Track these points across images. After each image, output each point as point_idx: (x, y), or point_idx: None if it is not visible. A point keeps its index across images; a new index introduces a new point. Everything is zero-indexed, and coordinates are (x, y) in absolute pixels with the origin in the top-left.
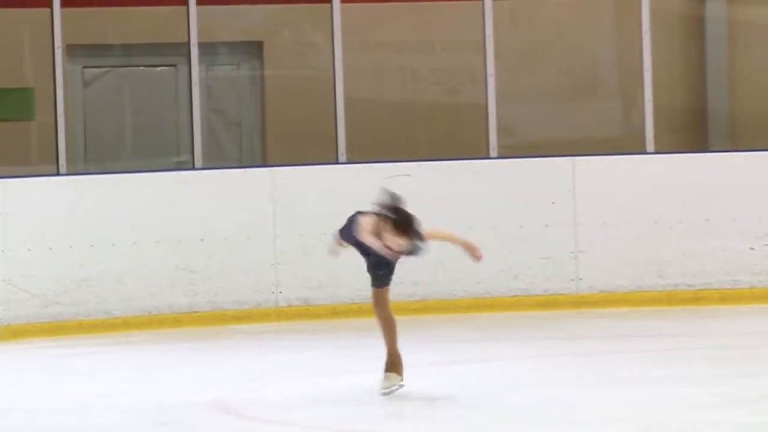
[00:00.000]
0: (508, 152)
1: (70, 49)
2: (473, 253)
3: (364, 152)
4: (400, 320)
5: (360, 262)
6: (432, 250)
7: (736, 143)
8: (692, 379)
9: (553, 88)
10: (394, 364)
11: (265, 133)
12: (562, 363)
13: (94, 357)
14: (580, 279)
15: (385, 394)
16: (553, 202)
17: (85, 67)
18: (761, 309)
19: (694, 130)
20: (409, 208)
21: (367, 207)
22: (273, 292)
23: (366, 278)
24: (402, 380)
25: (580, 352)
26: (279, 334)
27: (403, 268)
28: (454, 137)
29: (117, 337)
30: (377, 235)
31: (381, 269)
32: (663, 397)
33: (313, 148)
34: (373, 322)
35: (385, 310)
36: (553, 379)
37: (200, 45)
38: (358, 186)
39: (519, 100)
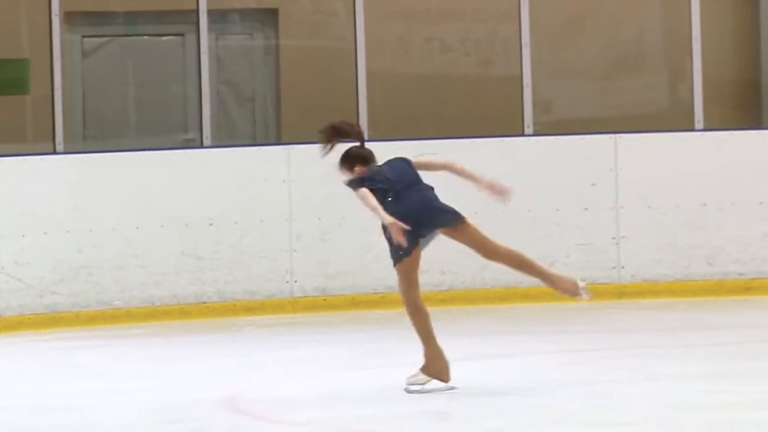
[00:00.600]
0: (544, 129)
1: (69, 17)
2: (498, 191)
3: (387, 129)
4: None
5: (383, 247)
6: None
7: None
8: (739, 377)
9: (593, 60)
10: (426, 361)
11: (280, 108)
12: (598, 358)
13: (95, 351)
14: (622, 267)
15: (407, 390)
16: (593, 184)
17: (84, 36)
18: None
19: (747, 104)
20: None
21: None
22: (288, 281)
23: (389, 265)
24: (428, 380)
25: (619, 347)
26: (294, 326)
27: (431, 254)
28: (485, 113)
29: (118, 330)
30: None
31: (390, 242)
32: (706, 394)
33: None
34: (396, 313)
35: (406, 294)
36: (585, 376)
37: (210, 12)
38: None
39: (556, 74)
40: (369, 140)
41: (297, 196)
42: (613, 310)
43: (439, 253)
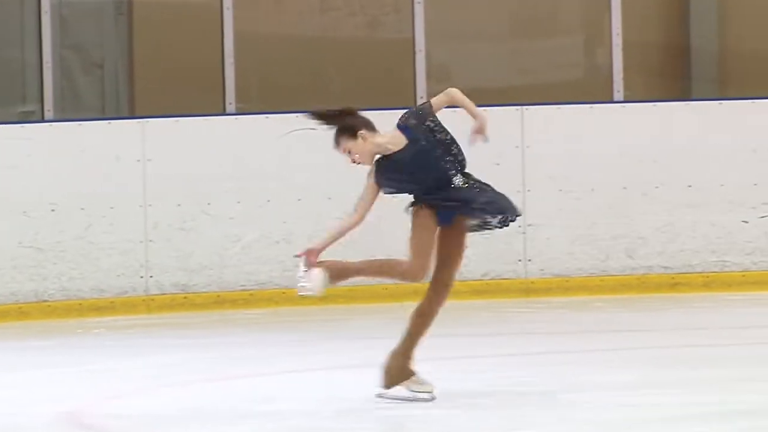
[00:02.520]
0: None
1: None
2: (482, 132)
3: (258, 100)
4: (304, 311)
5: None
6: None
7: (725, 90)
8: (668, 386)
9: (497, 21)
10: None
11: (134, 77)
12: (506, 365)
13: None
14: (529, 260)
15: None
16: (496, 163)
17: None
18: (755, 297)
19: (674, 72)
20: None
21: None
22: (142, 277)
23: (255, 258)
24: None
25: (528, 352)
26: (150, 329)
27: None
28: (372, 82)
29: None
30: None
31: None
32: (631, 408)
33: (194, 96)
34: (267, 313)
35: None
36: (492, 386)
37: None
38: (249, 142)
39: (454, 36)
40: (237, 113)
41: (153, 178)
42: (519, 310)
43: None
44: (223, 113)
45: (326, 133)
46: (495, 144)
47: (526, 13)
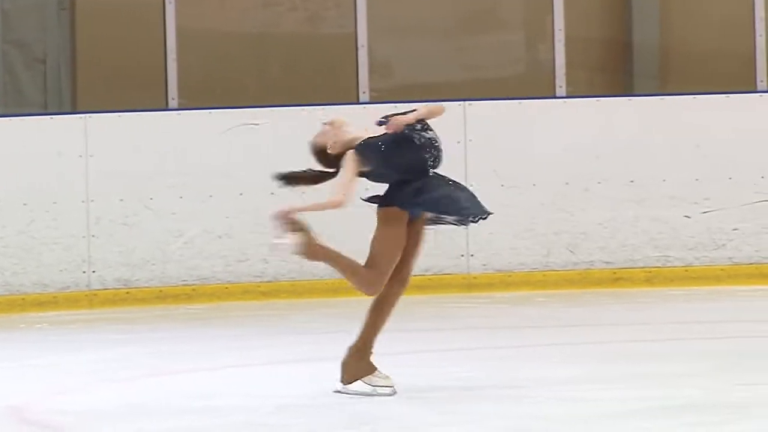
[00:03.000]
0: (382, 96)
1: None
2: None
3: (201, 96)
4: (246, 306)
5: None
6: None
7: (666, 85)
8: (610, 381)
9: (439, 16)
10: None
11: (76, 72)
12: (447, 360)
13: None
14: (472, 255)
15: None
16: None
17: None
18: (697, 293)
19: (616, 67)
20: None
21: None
22: (85, 272)
23: (198, 253)
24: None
25: (471, 347)
26: (92, 324)
27: (253, 242)
28: (315, 78)
29: None
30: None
31: None
32: (573, 404)
33: (136, 91)
34: (210, 308)
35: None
36: (434, 381)
37: None
38: (192, 138)
39: (396, 32)
40: (180, 108)
41: (95, 174)
42: (462, 305)
43: (264, 241)
44: (166, 109)
45: (267, 129)
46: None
47: (469, 8)
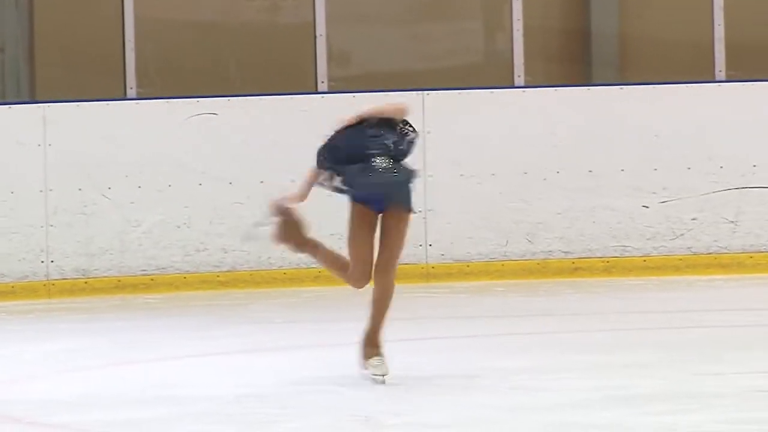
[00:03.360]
0: (341, 86)
1: None
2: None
3: (160, 85)
4: (205, 296)
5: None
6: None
7: (625, 74)
8: (569, 371)
9: (397, 4)
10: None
11: (34, 60)
12: (405, 350)
13: None
14: (430, 245)
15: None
16: None
17: None
18: (656, 282)
19: (574, 57)
20: (214, 155)
21: None
22: (43, 261)
23: (156, 242)
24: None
25: (428, 336)
26: (50, 313)
27: (210, 231)
28: (274, 66)
29: None
30: None
31: None
32: (531, 393)
33: (95, 80)
34: (167, 298)
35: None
36: (391, 371)
37: None
38: (151, 127)
39: (355, 20)
40: (138, 98)
41: (54, 163)
42: (420, 295)
43: (222, 231)
44: (124, 98)
45: (226, 118)
46: None
47: None
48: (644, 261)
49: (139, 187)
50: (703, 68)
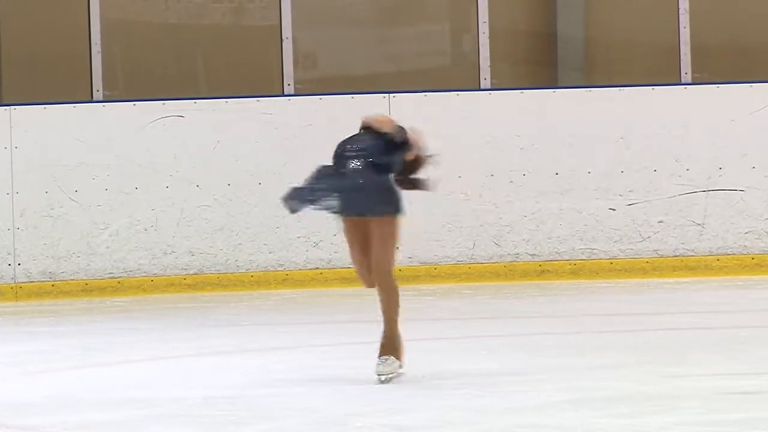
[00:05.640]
0: (307, 88)
1: None
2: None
3: (126, 88)
4: (172, 299)
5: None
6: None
7: (591, 77)
8: (536, 373)
9: (363, 7)
10: (394, 343)
11: (1, 64)
12: (372, 352)
13: None
14: (397, 247)
15: (380, 380)
16: None
17: None
18: (623, 285)
19: (540, 59)
20: (181, 158)
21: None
22: (10, 264)
23: (123, 245)
24: (401, 366)
25: None
26: (17, 316)
27: (179, 234)
28: (240, 68)
29: None
30: None
31: None
32: (496, 395)
33: (61, 82)
34: (134, 301)
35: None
36: (360, 373)
37: None
38: (118, 129)
39: (321, 22)
40: (105, 100)
41: (20, 165)
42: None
43: (190, 233)
44: (91, 100)
45: (193, 120)
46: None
47: (394, 0)
48: (611, 263)
49: (106, 189)
50: (669, 71)
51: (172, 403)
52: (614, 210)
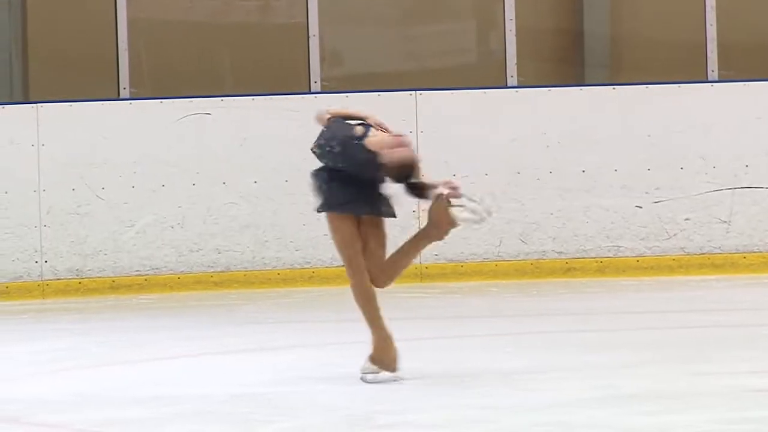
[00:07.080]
0: (334, 86)
1: None
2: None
3: (153, 86)
4: (199, 296)
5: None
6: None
7: (617, 75)
8: (562, 371)
9: (390, 5)
10: (375, 349)
11: (28, 61)
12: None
13: None
14: None
15: (363, 379)
16: None
17: None
18: (649, 283)
19: (567, 57)
20: (208, 156)
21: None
22: (37, 262)
23: (150, 242)
24: (394, 371)
25: (422, 337)
26: (44, 314)
27: (206, 231)
28: (266, 67)
29: None
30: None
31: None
32: (522, 393)
33: (88, 80)
34: (161, 298)
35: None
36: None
37: None
38: (144, 127)
39: (347, 21)
40: (131, 98)
41: (47, 163)
42: (414, 295)
43: (216, 231)
44: (117, 98)
45: (219, 118)
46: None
47: None
48: (637, 261)
49: (133, 187)
50: (695, 68)
51: (197, 400)
52: (640, 208)
